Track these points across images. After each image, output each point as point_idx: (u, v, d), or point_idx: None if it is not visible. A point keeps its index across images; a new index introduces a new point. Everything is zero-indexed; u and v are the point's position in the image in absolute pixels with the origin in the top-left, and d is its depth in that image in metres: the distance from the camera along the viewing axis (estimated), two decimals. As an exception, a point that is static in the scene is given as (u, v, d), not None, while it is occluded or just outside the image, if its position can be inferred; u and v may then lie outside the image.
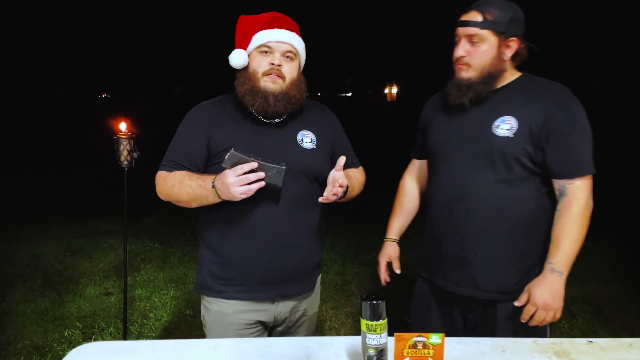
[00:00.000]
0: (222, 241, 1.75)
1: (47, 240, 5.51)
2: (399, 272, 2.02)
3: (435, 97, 2.00)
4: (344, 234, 5.67)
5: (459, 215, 1.76)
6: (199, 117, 1.79)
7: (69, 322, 3.62)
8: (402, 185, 2.13)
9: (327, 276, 4.46)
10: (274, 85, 1.69)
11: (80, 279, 4.43)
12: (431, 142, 1.90)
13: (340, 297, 4.04)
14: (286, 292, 1.77)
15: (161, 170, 1.76)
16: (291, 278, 1.76)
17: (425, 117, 1.99)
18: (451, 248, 1.80)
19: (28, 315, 3.71)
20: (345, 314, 3.74)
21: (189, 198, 1.66)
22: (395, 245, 2.07)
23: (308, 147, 1.76)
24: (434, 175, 1.89)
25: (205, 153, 1.73)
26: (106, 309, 3.83)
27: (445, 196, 1.80)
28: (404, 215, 2.10)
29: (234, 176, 1.49)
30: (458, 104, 1.77)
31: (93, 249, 5.24)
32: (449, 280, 1.82)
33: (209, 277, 1.79)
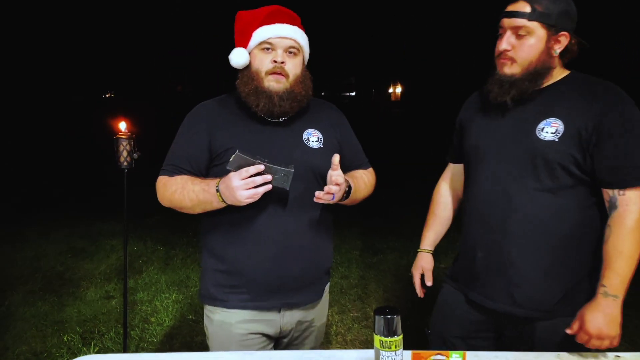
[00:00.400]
0: (225, 247, 1.67)
1: (48, 241, 5.44)
2: (431, 284, 1.92)
3: (474, 96, 1.87)
4: (349, 236, 5.58)
5: (496, 224, 1.64)
6: (199, 117, 1.71)
7: (69, 326, 3.54)
8: (436, 192, 2.02)
9: (333, 279, 4.37)
10: (277, 85, 1.61)
11: (81, 282, 4.35)
12: (468, 145, 1.77)
13: (346, 301, 3.95)
14: (293, 301, 1.69)
15: (162, 175, 1.68)
16: (298, 286, 1.67)
17: (463, 117, 1.86)
18: (487, 260, 1.68)
19: (27, 319, 3.64)
20: (352, 319, 3.64)
21: (193, 204, 1.58)
22: (429, 256, 1.96)
23: (315, 147, 1.69)
24: (471, 180, 1.76)
25: (207, 155, 1.66)
26: (107, 312, 3.75)
27: (482, 204, 1.68)
28: (438, 224, 1.99)
29: (239, 179, 1.42)
30: (499, 102, 1.64)
31: (95, 250, 5.16)
32: (484, 294, 1.70)
33: (212, 286, 1.70)
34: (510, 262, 1.62)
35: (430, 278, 1.93)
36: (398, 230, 5.74)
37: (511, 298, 1.63)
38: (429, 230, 1.99)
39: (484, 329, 1.76)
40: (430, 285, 1.92)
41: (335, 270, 4.58)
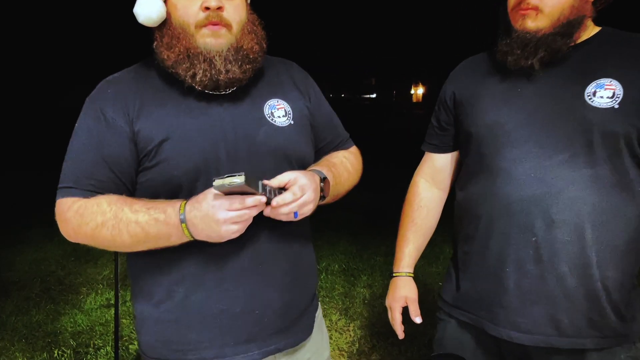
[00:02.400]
0: (171, 287, 1.16)
1: (51, 243, 5.12)
2: (420, 321, 1.43)
3: (474, 61, 1.43)
4: (371, 240, 5.16)
5: (535, 229, 1.21)
6: (111, 97, 1.15)
7: (62, 339, 3.19)
8: (413, 193, 1.53)
9: (355, 289, 3.96)
10: (218, 40, 1.11)
11: (81, 288, 4.03)
12: (479, 123, 1.31)
13: (370, 314, 3.53)
14: (277, 347, 1.22)
15: (66, 197, 1.13)
16: (282, 326, 1.22)
17: (460, 90, 1.40)
18: (521, 279, 1.24)
19: (18, 330, 3.31)
20: (377, 335, 3.23)
21: (134, 241, 1.07)
22: (411, 282, 1.48)
23: (283, 124, 1.21)
24: (485, 173, 1.30)
25: (134, 154, 1.13)
26: (105, 323, 3.40)
27: (511, 202, 1.24)
28: (419, 236, 1.51)
29: (228, 209, 0.96)
30: (522, 67, 1.23)
31: (100, 253, 4.81)
32: (513, 326, 1.26)
33: (157, 342, 1.20)
34: (557, 278, 1.21)
35: (417, 312, 1.45)
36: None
37: (555, 327, 1.23)
38: (407, 244, 1.50)
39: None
40: (419, 322, 1.44)
41: (358, 278, 4.17)
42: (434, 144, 1.51)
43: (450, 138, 1.47)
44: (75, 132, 1.16)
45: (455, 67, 1.48)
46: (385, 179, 7.83)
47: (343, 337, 3.20)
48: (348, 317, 3.48)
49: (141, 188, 1.15)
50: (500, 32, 1.28)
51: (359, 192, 1.57)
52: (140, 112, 1.13)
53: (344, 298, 3.79)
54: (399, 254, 1.52)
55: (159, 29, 1.15)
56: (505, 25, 1.27)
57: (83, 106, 1.17)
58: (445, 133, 1.47)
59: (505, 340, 1.29)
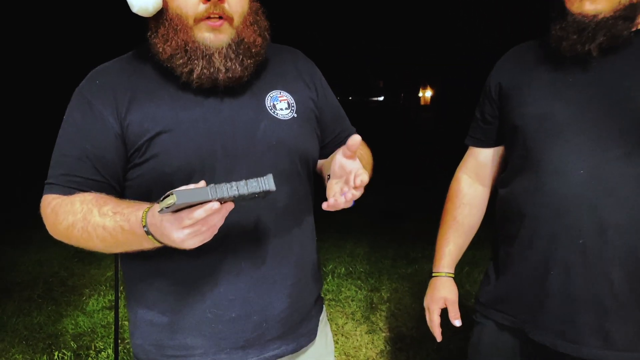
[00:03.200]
0: (165, 290, 1.10)
1: (55, 244, 4.98)
2: (460, 324, 1.35)
3: (523, 49, 1.33)
4: (379, 243, 5.08)
5: (586, 230, 1.12)
6: (99, 88, 1.07)
7: (63, 340, 3.13)
8: (456, 189, 1.45)
9: (361, 292, 3.88)
10: (218, 36, 1.03)
11: (84, 289, 3.97)
12: (526, 114, 1.22)
13: (376, 318, 3.45)
14: (276, 353, 1.14)
15: (49, 193, 1.06)
16: (283, 331, 1.14)
17: (507, 79, 1.30)
18: (568, 284, 1.16)
19: (18, 331, 3.25)
20: (384, 339, 3.14)
21: (106, 245, 0.99)
22: (451, 283, 1.41)
23: (285, 117, 1.12)
24: (532, 169, 1.21)
25: (122, 150, 1.05)
26: (107, 325, 3.34)
27: (560, 202, 1.15)
28: (461, 234, 1.43)
29: (180, 228, 0.84)
30: (579, 53, 1.13)
31: (103, 255, 4.74)
32: (558, 333, 1.18)
33: (150, 346, 1.12)
34: (609, 285, 1.11)
35: (457, 314, 1.36)
36: (432, 237, 5.21)
37: (605, 338, 1.13)
38: (447, 244, 1.42)
39: None
40: (459, 325, 1.35)
41: (365, 281, 4.09)
42: (477, 138, 1.42)
43: (495, 132, 1.37)
44: (62, 125, 1.09)
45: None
46: (392, 182, 7.76)
47: (349, 342, 3.12)
48: (355, 321, 3.39)
49: (132, 185, 1.08)
50: (553, 15, 1.18)
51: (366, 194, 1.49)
52: (130, 104, 1.05)
53: (350, 302, 3.70)
54: (438, 253, 1.43)
55: (154, 19, 1.06)
56: (559, 8, 1.16)
57: (72, 97, 1.10)
58: (489, 126, 1.38)
59: (547, 347, 1.20)
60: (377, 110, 29.30)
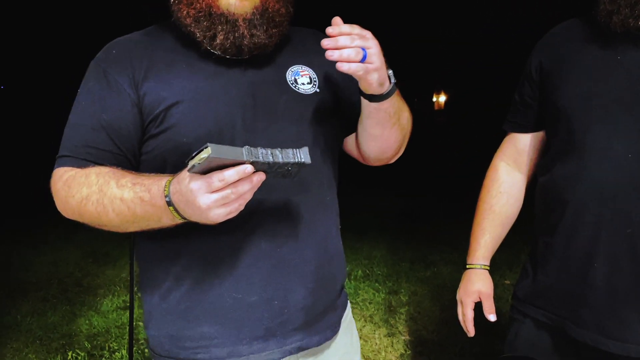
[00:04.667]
0: (181, 276, 1.03)
1: (71, 244, 5.08)
2: (495, 319, 1.28)
3: (567, 27, 1.24)
4: (397, 245, 4.99)
5: (632, 220, 1.05)
6: (115, 58, 1.03)
7: (77, 341, 3.10)
8: (493, 177, 1.36)
9: (379, 294, 3.79)
10: (242, 2, 0.99)
11: (98, 290, 3.95)
12: (569, 95, 1.14)
13: (395, 321, 3.36)
14: (298, 345, 1.07)
15: (61, 166, 1.01)
16: (304, 321, 1.07)
17: (549, 59, 1.22)
18: (614, 278, 1.08)
19: (33, 331, 3.23)
20: (404, 343, 3.06)
21: (122, 220, 0.93)
22: (486, 275, 1.34)
23: (307, 91, 1.08)
24: (576, 153, 1.12)
25: (138, 120, 1.00)
26: (121, 326, 3.30)
27: (606, 188, 1.07)
28: (497, 225, 1.34)
29: (209, 193, 0.78)
30: (631, 28, 1.05)
31: (118, 255, 4.75)
32: (601, 330, 1.10)
33: (164, 337, 1.05)
34: None
35: (492, 309, 1.29)
36: (450, 240, 5.11)
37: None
38: (483, 234, 1.34)
39: None
40: (494, 320, 1.28)
41: (383, 284, 4.01)
42: (516, 122, 1.34)
43: (535, 115, 1.29)
44: (77, 96, 1.03)
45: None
46: (410, 184, 7.67)
47: (368, 345, 3.03)
48: (373, 324, 3.31)
49: (147, 158, 1.02)
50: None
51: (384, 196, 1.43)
52: (147, 73, 1.00)
53: (368, 304, 3.62)
54: (473, 244, 1.35)
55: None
56: None
57: (89, 67, 1.06)
58: (529, 110, 1.29)
59: (588, 345, 1.12)
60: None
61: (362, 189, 6.49)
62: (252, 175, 0.78)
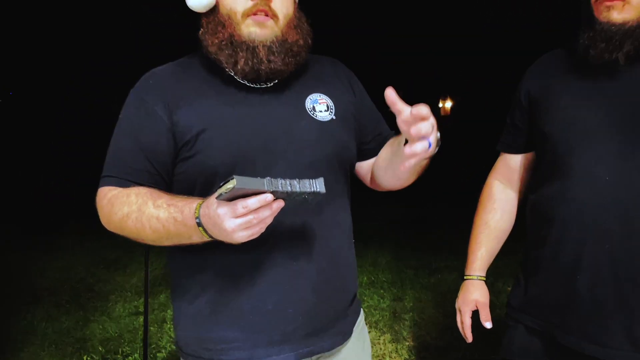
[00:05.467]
0: (207, 283, 1.15)
1: (82, 251, 5.20)
2: (490, 326, 1.36)
3: (553, 56, 1.35)
4: (401, 252, 5.07)
5: (615, 236, 1.13)
6: (150, 90, 1.14)
7: (91, 345, 3.20)
8: (487, 194, 1.47)
9: (384, 301, 3.87)
10: (263, 31, 1.08)
11: (110, 295, 4.05)
12: (555, 121, 1.24)
13: (400, 327, 3.44)
14: (312, 349, 1.16)
15: (106, 185, 1.12)
16: (318, 327, 1.16)
17: (536, 88, 1.32)
18: (597, 288, 1.17)
19: (48, 336, 3.33)
20: (408, 348, 3.14)
21: (157, 236, 1.03)
22: (483, 285, 1.43)
23: (324, 119, 1.17)
24: (562, 174, 1.22)
25: (171, 144, 1.11)
26: (133, 330, 3.39)
27: (589, 207, 1.16)
28: (492, 238, 1.44)
29: (234, 217, 0.87)
30: (607, 61, 1.15)
31: (129, 261, 4.86)
32: (586, 336, 1.19)
33: (191, 339, 1.17)
34: (636, 291, 1.12)
35: (488, 316, 1.38)
36: (454, 248, 5.19)
37: (632, 342, 1.13)
38: (479, 247, 1.44)
39: None
40: (489, 327, 1.36)
41: (387, 290, 4.09)
42: (508, 144, 1.44)
43: (525, 138, 1.39)
44: (118, 122, 1.15)
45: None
46: (415, 192, 7.73)
47: (373, 350, 3.11)
48: (378, 329, 3.39)
49: (179, 179, 1.13)
50: (582, 24, 1.21)
51: (389, 205, 1.52)
52: (179, 102, 1.11)
53: (373, 310, 3.70)
54: (471, 256, 1.45)
55: (206, 16, 1.14)
56: (587, 17, 1.19)
57: (128, 96, 1.17)
58: (519, 132, 1.40)
59: (575, 351, 1.20)
60: (397, 121, 29.22)
61: (367, 197, 6.58)
62: (272, 203, 0.87)
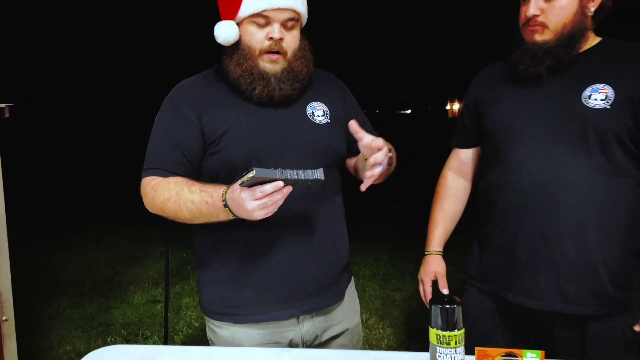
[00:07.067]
0: (227, 255, 1.44)
1: (100, 247, 5.49)
2: (447, 292, 1.63)
3: (493, 68, 1.65)
4: (402, 248, 5.31)
5: (543, 212, 1.41)
6: (183, 98, 1.43)
7: (113, 328, 3.49)
8: (442, 183, 1.75)
9: (385, 292, 4.14)
10: (274, 66, 1.37)
11: (129, 286, 4.33)
12: (496, 122, 1.53)
13: (399, 314, 3.69)
14: (312, 307, 1.46)
15: (148, 176, 1.39)
16: (317, 288, 1.46)
17: (479, 95, 1.62)
18: (531, 253, 1.45)
19: (74, 320, 3.62)
20: (405, 333, 3.40)
21: (192, 215, 1.30)
22: (440, 259, 1.70)
23: (321, 122, 1.46)
24: (502, 164, 1.50)
25: (201, 142, 1.39)
26: (152, 316, 3.68)
27: (523, 189, 1.44)
28: (447, 221, 1.72)
29: (253, 200, 1.14)
30: (532, 74, 1.44)
31: (144, 256, 5.15)
32: (527, 293, 1.46)
33: (215, 299, 1.47)
34: (562, 253, 1.40)
35: (445, 284, 1.65)
36: (452, 244, 5.43)
37: (561, 295, 1.42)
38: (436, 227, 1.72)
39: (524, 335, 1.55)
40: (447, 293, 1.63)
41: (388, 282, 4.35)
42: (459, 141, 1.73)
43: (473, 135, 1.67)
44: (155, 125, 1.44)
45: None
46: (416, 192, 7.96)
47: (373, 334, 3.38)
48: (378, 316, 3.66)
49: (206, 170, 1.41)
50: (513, 44, 1.50)
51: (391, 204, 1.82)
52: (207, 109, 1.40)
53: (374, 299, 3.97)
54: (430, 235, 1.73)
55: (230, 47, 1.40)
56: (517, 39, 1.49)
57: (161, 105, 1.46)
58: (468, 132, 1.69)
59: (518, 306, 1.49)
60: (405, 122, 29.47)
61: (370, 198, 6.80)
62: (283, 188, 1.13)
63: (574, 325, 1.43)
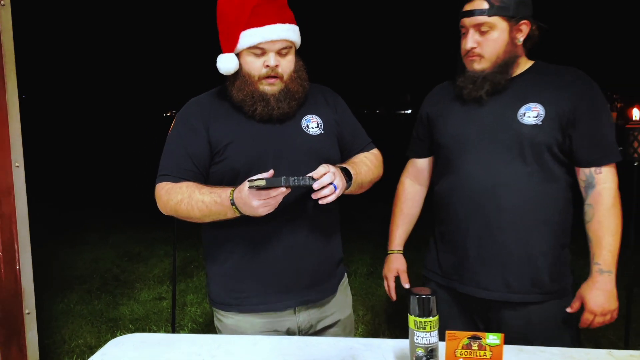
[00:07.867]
0: (232, 251, 1.61)
1: (107, 245, 5.66)
2: (409, 287, 1.79)
3: (442, 88, 1.86)
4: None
5: (488, 212, 1.62)
6: (193, 113, 1.62)
7: (122, 324, 3.66)
8: (401, 189, 1.97)
9: (380, 289, 4.23)
10: (272, 88, 1.54)
11: (135, 283, 4.50)
12: (446, 136, 1.73)
13: (393, 311, 3.87)
14: (307, 298, 1.63)
15: (162, 182, 1.57)
16: (312, 282, 1.63)
17: (432, 111, 1.83)
18: (480, 249, 1.66)
19: (84, 316, 3.79)
20: (398, 327, 3.57)
21: (202, 214, 1.49)
22: (401, 257, 1.93)
23: (315, 133, 1.62)
24: (452, 172, 1.72)
25: (208, 152, 1.58)
26: (158, 312, 3.85)
27: (471, 193, 1.65)
28: (406, 222, 1.95)
29: (259, 199, 1.34)
30: (474, 97, 1.66)
31: (150, 255, 5.32)
32: (477, 284, 1.67)
33: (222, 291, 1.65)
34: (506, 249, 1.63)
35: (406, 280, 1.87)
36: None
37: (506, 285, 1.63)
38: (397, 229, 1.94)
39: (475, 321, 1.76)
40: (408, 287, 1.80)
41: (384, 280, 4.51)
42: (415, 151, 1.95)
43: (427, 146, 1.89)
44: (169, 137, 1.62)
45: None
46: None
47: (367, 328, 3.55)
48: (373, 313, 3.83)
49: (212, 176, 1.59)
50: (457, 71, 1.73)
51: (389, 203, 2.03)
52: (214, 122, 1.58)
53: (371, 297, 4.14)
54: (391, 236, 1.96)
55: (232, 75, 1.57)
56: (460, 67, 1.70)
57: (174, 120, 1.65)
58: (422, 143, 1.90)
59: (470, 296, 1.69)
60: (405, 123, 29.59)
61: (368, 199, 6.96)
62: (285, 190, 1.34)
63: (518, 311, 1.65)
